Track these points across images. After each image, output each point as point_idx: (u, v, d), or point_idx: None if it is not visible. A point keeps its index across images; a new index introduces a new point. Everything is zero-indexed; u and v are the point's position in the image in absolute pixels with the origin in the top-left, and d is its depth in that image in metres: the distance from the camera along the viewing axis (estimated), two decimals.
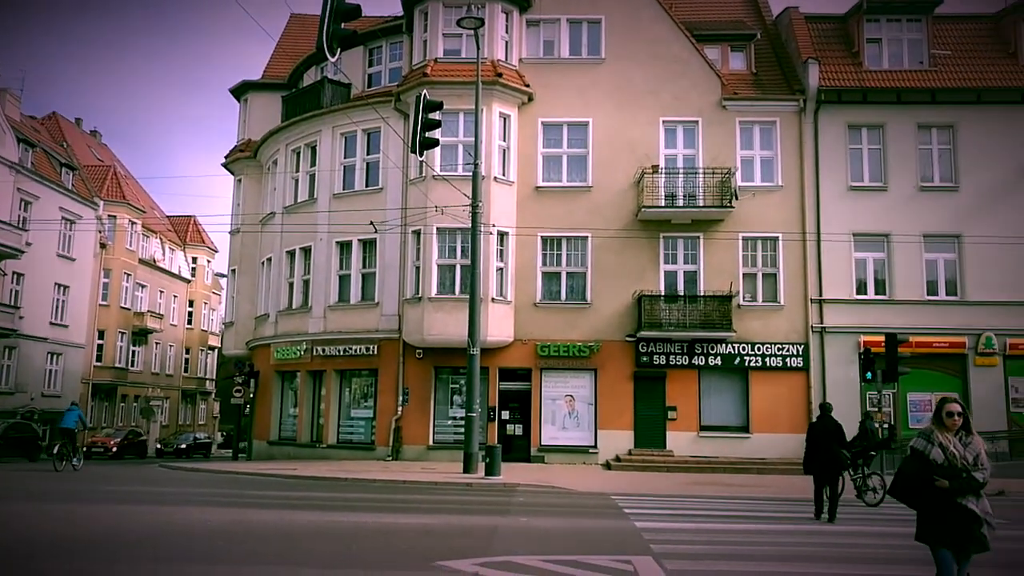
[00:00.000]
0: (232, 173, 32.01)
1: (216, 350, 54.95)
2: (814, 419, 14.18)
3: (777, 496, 16.33)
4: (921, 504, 5.63)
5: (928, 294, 23.71)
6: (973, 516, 5.45)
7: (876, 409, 21.77)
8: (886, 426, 20.62)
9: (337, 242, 25.61)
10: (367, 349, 24.59)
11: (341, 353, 25.04)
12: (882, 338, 19.66)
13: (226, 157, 31.75)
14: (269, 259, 28.39)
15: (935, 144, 24.43)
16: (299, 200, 27.13)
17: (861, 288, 23.95)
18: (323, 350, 25.40)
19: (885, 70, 24.73)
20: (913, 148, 24.28)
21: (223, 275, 39.32)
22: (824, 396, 22.64)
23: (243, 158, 30.70)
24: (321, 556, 8.67)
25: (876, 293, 23.87)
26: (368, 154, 25.68)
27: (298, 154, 27.49)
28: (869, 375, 19.37)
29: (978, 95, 24.22)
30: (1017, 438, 22.56)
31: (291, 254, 27.18)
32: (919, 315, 23.30)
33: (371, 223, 24.03)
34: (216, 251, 59.94)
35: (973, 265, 23.60)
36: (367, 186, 25.52)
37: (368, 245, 25.25)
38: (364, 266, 25.37)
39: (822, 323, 23.60)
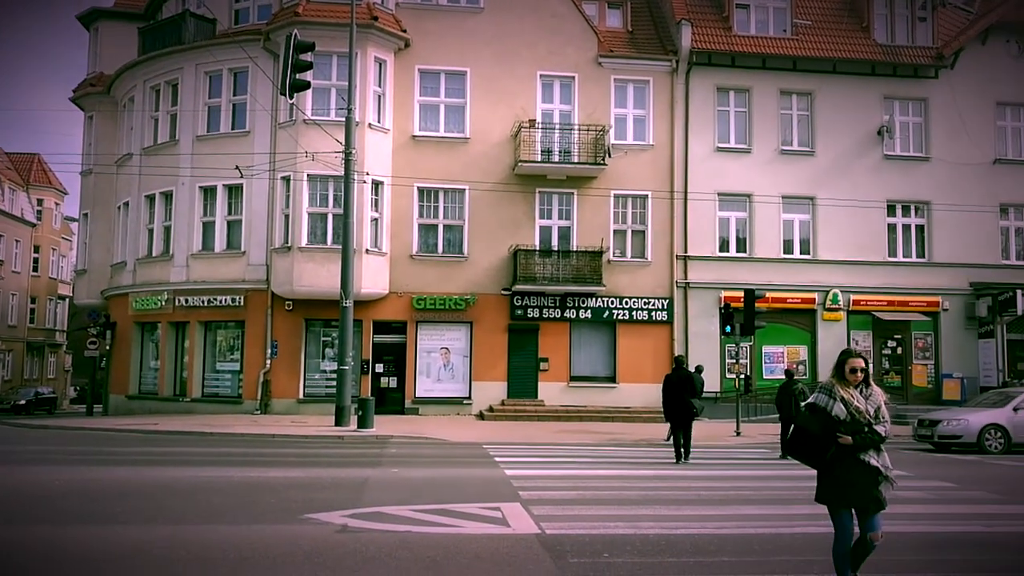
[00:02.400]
0: (82, 109, 29.65)
1: (67, 299, 51.39)
2: (669, 371, 15.15)
3: (641, 442, 17.11)
4: (821, 462, 5.40)
5: (784, 253, 25.12)
6: (875, 472, 5.30)
7: (734, 360, 23.08)
8: (743, 377, 21.97)
9: (201, 187, 24.30)
10: (233, 300, 23.64)
11: (205, 304, 23.98)
12: (741, 294, 20.74)
13: (75, 91, 29.37)
14: (126, 203, 26.63)
15: (795, 110, 25.68)
16: (159, 141, 25.48)
17: (724, 246, 25.09)
18: (186, 300, 24.22)
19: (752, 35, 25.63)
20: (775, 113, 25.43)
21: (74, 219, 36.55)
22: (687, 348, 23.77)
23: (95, 93, 28.45)
24: (180, 512, 8.35)
25: (737, 251, 25.08)
26: (235, 95, 24.35)
27: (158, 92, 25.73)
28: (728, 328, 20.44)
29: (834, 65, 25.55)
30: None
31: (150, 199, 25.60)
32: (776, 272, 24.68)
33: (237, 168, 22.89)
34: (66, 193, 55.57)
35: (824, 226, 25.14)
36: (233, 129, 24.22)
37: (234, 191, 24.10)
38: (230, 213, 24.24)
39: (686, 279, 24.61)
